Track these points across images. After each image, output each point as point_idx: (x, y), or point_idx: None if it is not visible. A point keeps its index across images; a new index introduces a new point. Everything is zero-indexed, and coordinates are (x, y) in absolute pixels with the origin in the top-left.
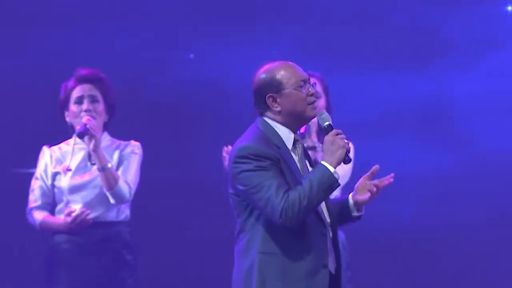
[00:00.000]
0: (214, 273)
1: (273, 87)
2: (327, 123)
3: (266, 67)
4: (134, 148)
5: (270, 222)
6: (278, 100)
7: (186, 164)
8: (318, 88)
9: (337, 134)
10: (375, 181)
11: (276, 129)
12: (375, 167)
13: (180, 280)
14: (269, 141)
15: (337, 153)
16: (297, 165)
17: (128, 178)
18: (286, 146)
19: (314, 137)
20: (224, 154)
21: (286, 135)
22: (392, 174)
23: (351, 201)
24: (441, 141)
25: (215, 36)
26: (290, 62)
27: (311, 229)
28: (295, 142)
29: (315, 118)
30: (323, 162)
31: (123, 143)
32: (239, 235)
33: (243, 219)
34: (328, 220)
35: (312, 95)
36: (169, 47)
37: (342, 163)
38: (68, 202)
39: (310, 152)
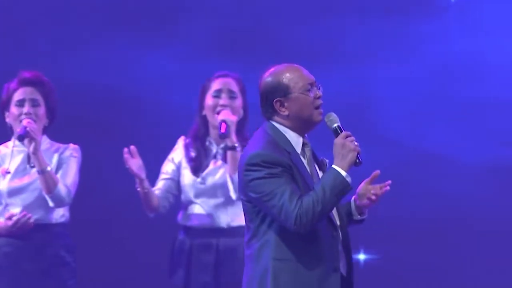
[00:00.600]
0: (154, 274)
1: (280, 91)
2: (335, 125)
3: (272, 70)
4: (73, 151)
5: (282, 228)
6: (285, 104)
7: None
8: (235, 88)
9: (347, 137)
10: (374, 190)
11: (285, 133)
12: (376, 172)
13: (121, 282)
14: (279, 147)
15: (348, 156)
16: (307, 169)
17: (67, 181)
18: (296, 151)
19: (234, 137)
20: (126, 155)
21: (295, 140)
22: (389, 182)
23: (353, 205)
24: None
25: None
26: (296, 65)
27: (323, 233)
28: (303, 146)
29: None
30: (334, 166)
31: (62, 146)
32: (251, 241)
33: (256, 225)
34: (339, 222)
35: (319, 98)
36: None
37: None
38: (7, 205)
39: (229, 153)
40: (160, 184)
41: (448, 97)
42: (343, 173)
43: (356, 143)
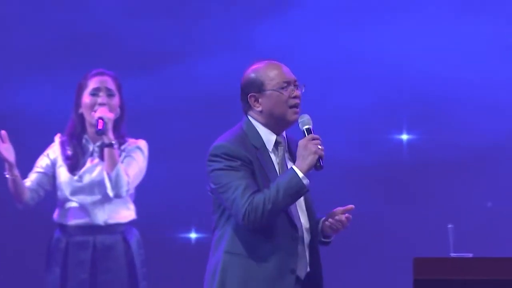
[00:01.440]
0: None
1: (256, 86)
2: (306, 127)
3: (253, 65)
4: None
5: (238, 222)
6: (259, 100)
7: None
8: (112, 86)
9: (313, 139)
10: (340, 222)
11: (258, 129)
12: (351, 206)
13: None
14: (246, 142)
15: (309, 159)
16: (275, 167)
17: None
18: (266, 147)
19: (110, 134)
20: None
21: (267, 136)
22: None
23: (320, 224)
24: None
25: None
26: (277, 62)
27: (281, 233)
28: (277, 144)
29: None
30: (293, 167)
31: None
32: (213, 232)
33: (217, 216)
34: (308, 225)
35: (295, 97)
36: None
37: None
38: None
39: (106, 150)
40: (32, 177)
41: None
42: (300, 174)
43: (320, 147)
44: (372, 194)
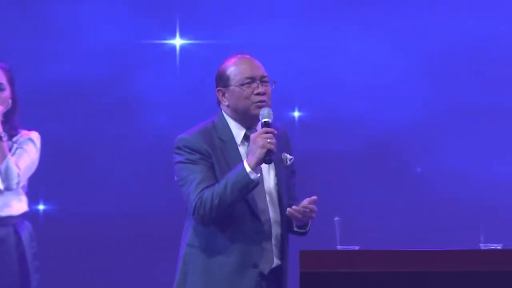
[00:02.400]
0: None
1: (222, 81)
2: (264, 120)
3: (226, 60)
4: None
5: None
6: (226, 94)
7: None
8: (3, 79)
9: (266, 133)
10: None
11: (228, 122)
12: (314, 198)
13: None
14: (211, 134)
15: (257, 153)
16: (242, 161)
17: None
18: (234, 141)
19: (0, 127)
20: None
21: (236, 130)
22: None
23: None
24: None
25: None
26: (248, 57)
27: (243, 227)
28: (246, 137)
29: None
30: (244, 161)
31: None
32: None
33: (186, 208)
34: (278, 218)
35: (258, 94)
36: None
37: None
38: None
39: None
40: None
41: None
42: (248, 168)
43: (269, 141)
44: None
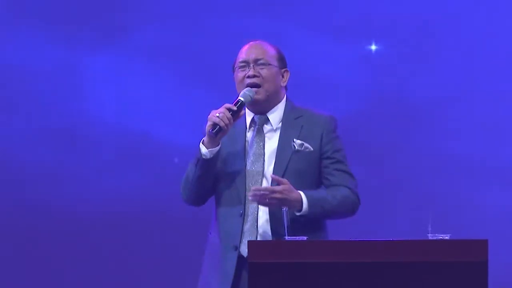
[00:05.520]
0: None
1: (232, 67)
2: (241, 98)
3: None
4: None
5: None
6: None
7: None
8: None
9: (227, 109)
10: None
11: (245, 108)
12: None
13: None
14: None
15: (206, 126)
16: (243, 146)
17: None
18: (245, 126)
19: None
20: None
21: (247, 114)
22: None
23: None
24: None
25: None
26: (250, 42)
27: (227, 210)
28: (254, 122)
29: None
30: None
31: None
32: None
33: None
34: (262, 210)
35: (248, 77)
36: None
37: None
38: None
39: None
40: None
41: None
42: (201, 143)
43: (218, 114)
44: None
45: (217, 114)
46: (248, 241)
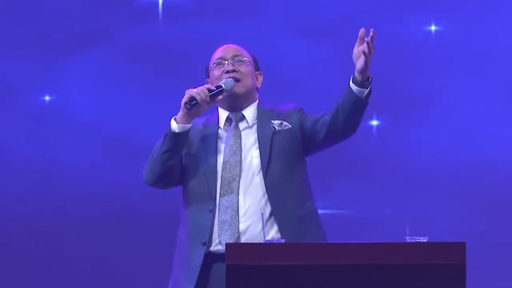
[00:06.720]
0: None
1: (206, 71)
2: (222, 85)
3: None
4: None
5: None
6: (208, 80)
7: None
8: None
9: (207, 89)
10: (363, 46)
11: (218, 107)
12: (362, 31)
13: None
14: (198, 119)
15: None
16: (216, 143)
17: None
18: (218, 125)
19: None
20: None
21: (221, 114)
22: (372, 30)
23: (356, 77)
24: None
25: None
26: (227, 44)
27: (197, 206)
28: (227, 120)
29: None
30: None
31: None
32: None
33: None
34: (236, 200)
35: (227, 72)
36: None
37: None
38: None
39: None
40: None
41: None
42: (173, 119)
43: (196, 90)
44: None
45: (195, 90)
46: (227, 244)
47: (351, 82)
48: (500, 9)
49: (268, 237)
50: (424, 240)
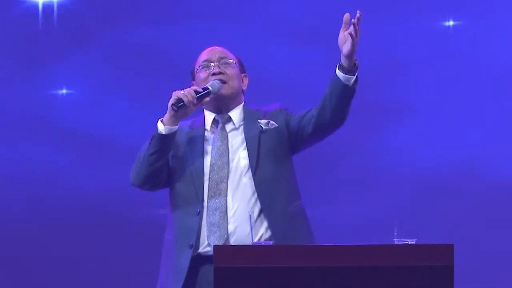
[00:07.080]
0: None
1: (192, 74)
2: (209, 87)
3: None
4: None
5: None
6: (194, 82)
7: None
8: None
9: (194, 90)
10: (349, 29)
11: (204, 110)
12: (346, 15)
13: None
14: (184, 121)
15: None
16: (202, 146)
17: None
18: (204, 127)
19: None
20: None
21: (207, 116)
22: (358, 12)
23: (343, 62)
24: None
25: None
26: (212, 47)
27: (184, 209)
28: (214, 122)
29: None
30: None
31: None
32: None
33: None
34: (224, 201)
35: (214, 74)
36: None
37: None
38: None
39: None
40: None
41: None
42: (160, 121)
43: (183, 92)
44: None
45: (182, 92)
46: (215, 246)
47: (337, 69)
48: (500, 9)
49: (258, 235)
50: (412, 242)
